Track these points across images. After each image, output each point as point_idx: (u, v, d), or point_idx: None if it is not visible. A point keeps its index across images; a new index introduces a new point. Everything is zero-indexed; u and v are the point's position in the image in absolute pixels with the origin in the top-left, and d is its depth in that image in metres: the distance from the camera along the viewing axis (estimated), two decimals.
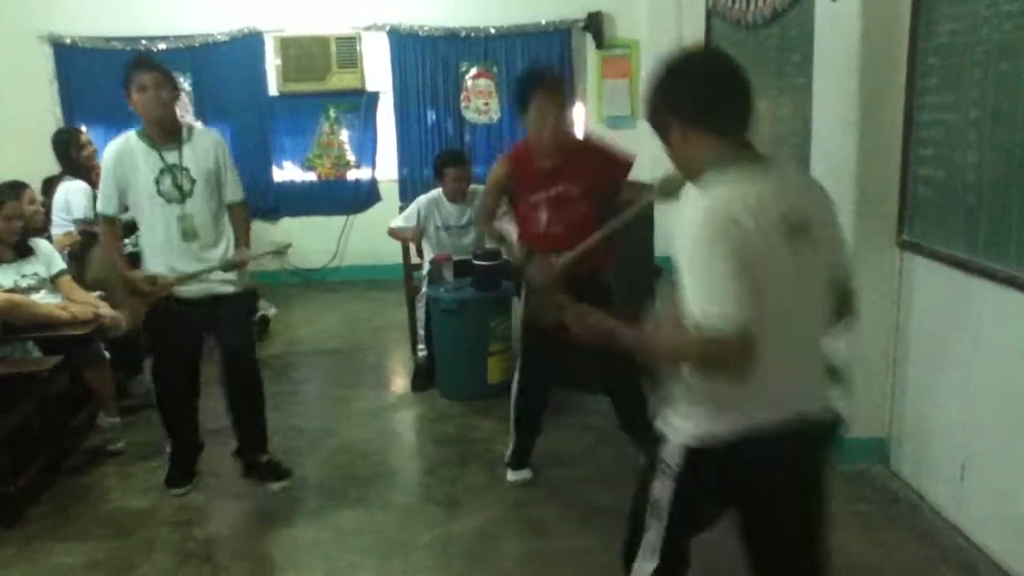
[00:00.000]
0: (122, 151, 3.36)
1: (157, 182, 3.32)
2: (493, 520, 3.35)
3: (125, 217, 3.57)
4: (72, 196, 4.84)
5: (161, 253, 3.39)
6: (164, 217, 3.35)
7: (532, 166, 3.36)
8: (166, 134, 3.34)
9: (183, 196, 3.34)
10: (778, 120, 4.89)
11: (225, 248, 3.47)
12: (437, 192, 5.00)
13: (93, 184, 5.01)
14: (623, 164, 3.47)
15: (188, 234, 3.37)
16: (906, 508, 3.28)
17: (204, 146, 3.40)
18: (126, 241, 5.16)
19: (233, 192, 3.51)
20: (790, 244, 1.71)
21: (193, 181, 3.35)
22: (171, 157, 3.33)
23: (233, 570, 3.10)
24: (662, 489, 1.89)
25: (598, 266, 3.41)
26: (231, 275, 3.47)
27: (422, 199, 5.04)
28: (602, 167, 3.41)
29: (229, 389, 3.59)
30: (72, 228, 4.83)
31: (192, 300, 3.42)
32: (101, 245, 3.90)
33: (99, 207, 3.52)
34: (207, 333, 3.57)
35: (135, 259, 3.61)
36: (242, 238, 3.53)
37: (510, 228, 3.53)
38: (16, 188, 4.32)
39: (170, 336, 3.50)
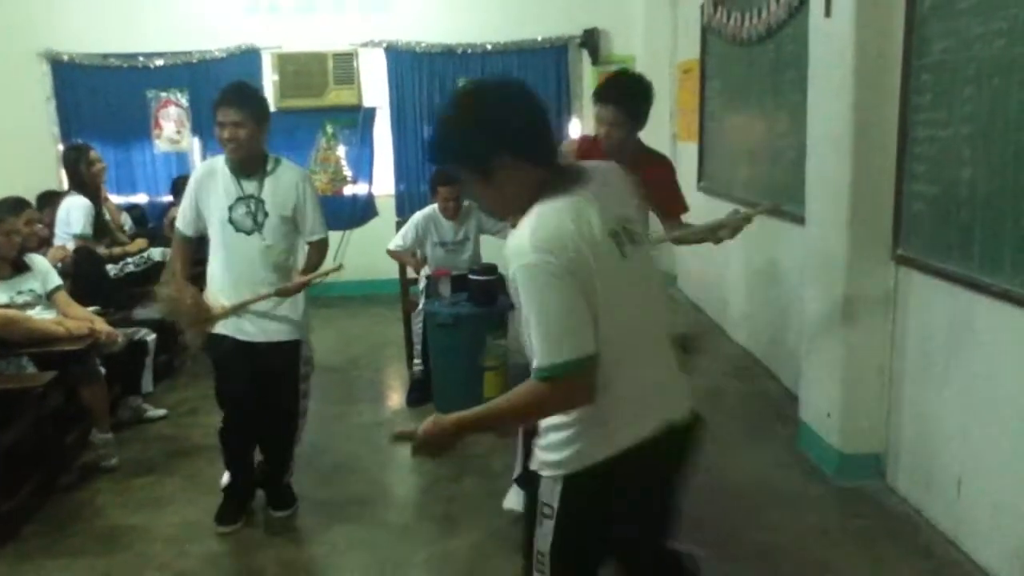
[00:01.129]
0: (206, 174, 3.33)
1: (231, 209, 3.26)
2: (489, 537, 3.34)
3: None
4: (73, 212, 4.93)
5: (220, 278, 3.35)
6: (230, 245, 3.30)
7: (599, 157, 3.32)
8: (248, 166, 3.28)
9: (253, 228, 3.28)
10: (773, 136, 4.92)
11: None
12: (433, 208, 5.00)
13: (96, 201, 5.08)
14: (679, 204, 3.41)
15: (250, 266, 3.30)
16: (903, 523, 3.27)
17: (286, 182, 3.31)
18: (129, 260, 5.20)
19: (312, 230, 3.43)
20: (622, 254, 1.73)
21: (266, 215, 3.28)
22: (250, 187, 3.27)
23: None
24: (543, 536, 1.84)
25: None
26: (292, 315, 3.38)
27: (417, 215, 5.04)
28: (664, 193, 3.33)
29: (262, 426, 3.49)
30: (71, 242, 4.88)
31: (246, 341, 3.34)
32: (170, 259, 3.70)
33: (177, 223, 3.45)
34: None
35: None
36: (309, 268, 3.46)
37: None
38: (16, 206, 4.34)
39: (224, 369, 3.44)
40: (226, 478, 3.58)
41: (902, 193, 3.33)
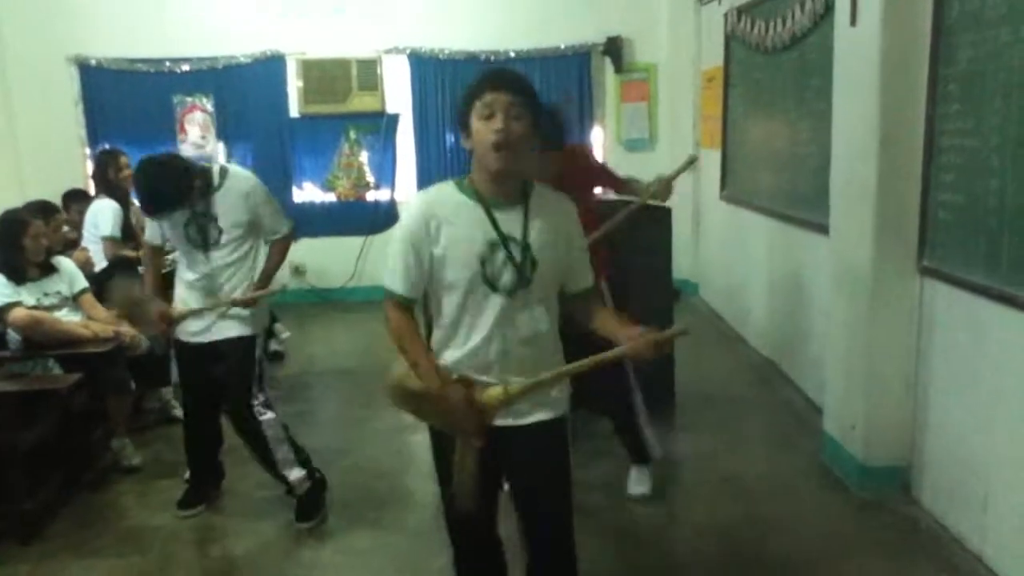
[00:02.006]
0: None
1: (186, 227, 3.33)
2: (507, 543, 3.32)
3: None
4: (100, 215, 5.01)
5: (183, 286, 3.46)
6: (189, 259, 3.40)
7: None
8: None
9: (208, 245, 3.35)
10: (797, 145, 4.89)
11: (243, 291, 3.41)
12: None
13: (124, 205, 5.15)
14: (615, 177, 3.61)
15: (208, 281, 3.38)
16: (927, 537, 3.23)
17: (236, 195, 3.35)
18: (168, 258, 5.26)
19: (272, 229, 3.48)
20: None
21: (220, 231, 3.33)
22: (201, 205, 3.31)
23: None
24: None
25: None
26: (242, 313, 3.41)
27: None
28: (589, 172, 3.53)
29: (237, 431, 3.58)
30: (98, 244, 4.95)
31: (196, 342, 3.44)
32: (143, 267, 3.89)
33: (146, 235, 3.60)
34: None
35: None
36: (266, 274, 3.48)
37: None
38: (43, 210, 4.39)
39: (183, 370, 3.62)
40: (188, 470, 3.73)
41: (928, 203, 3.30)
